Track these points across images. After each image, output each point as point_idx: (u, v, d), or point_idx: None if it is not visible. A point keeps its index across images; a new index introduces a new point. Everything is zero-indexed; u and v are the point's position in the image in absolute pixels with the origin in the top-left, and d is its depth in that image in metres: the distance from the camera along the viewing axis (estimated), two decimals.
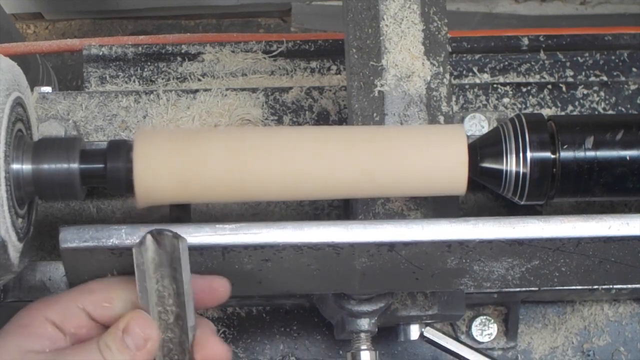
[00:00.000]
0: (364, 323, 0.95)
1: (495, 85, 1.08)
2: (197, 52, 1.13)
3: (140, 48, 1.13)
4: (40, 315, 0.81)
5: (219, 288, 0.84)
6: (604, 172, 0.85)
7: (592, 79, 1.12)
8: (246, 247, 0.81)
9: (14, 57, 0.87)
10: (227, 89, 1.04)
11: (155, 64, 1.13)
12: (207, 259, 0.82)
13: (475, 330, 1.08)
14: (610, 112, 1.07)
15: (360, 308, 0.93)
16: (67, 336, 0.81)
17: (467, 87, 1.07)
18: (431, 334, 1.00)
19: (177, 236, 0.79)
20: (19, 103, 0.84)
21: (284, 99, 1.04)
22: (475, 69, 1.12)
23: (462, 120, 0.97)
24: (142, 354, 0.79)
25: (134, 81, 1.12)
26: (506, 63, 1.13)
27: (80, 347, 0.80)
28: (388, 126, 0.90)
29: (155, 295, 0.79)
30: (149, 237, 0.79)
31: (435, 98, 0.91)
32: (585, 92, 1.08)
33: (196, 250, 0.81)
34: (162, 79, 1.12)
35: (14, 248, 0.81)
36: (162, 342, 0.80)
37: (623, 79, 1.12)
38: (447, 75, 0.92)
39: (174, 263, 0.79)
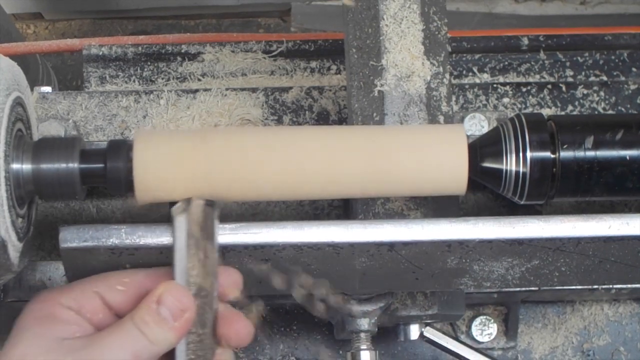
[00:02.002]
0: (364, 323, 0.95)
1: (495, 85, 1.08)
2: (197, 52, 1.13)
3: (140, 48, 1.13)
4: (57, 303, 0.80)
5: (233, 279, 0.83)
6: (604, 172, 0.85)
7: (592, 78, 1.12)
8: (246, 247, 0.81)
9: (14, 57, 0.87)
10: (227, 89, 1.04)
11: (155, 64, 1.13)
12: None
13: (475, 330, 1.08)
14: (610, 112, 1.07)
15: (360, 308, 0.93)
16: (88, 322, 0.80)
17: (467, 87, 1.07)
18: (431, 333, 1.00)
19: (210, 204, 0.78)
20: (19, 103, 0.84)
21: (284, 99, 1.04)
22: (475, 69, 1.12)
23: (462, 120, 0.97)
24: (179, 324, 0.77)
25: (134, 81, 1.12)
26: (506, 63, 1.13)
27: (116, 327, 0.78)
28: (388, 126, 0.90)
29: (184, 266, 0.78)
30: (181, 205, 0.78)
31: (435, 98, 0.91)
32: (585, 92, 1.08)
33: None
34: (162, 79, 1.12)
35: (14, 248, 0.81)
36: None
37: (623, 78, 1.12)
38: (447, 75, 0.92)
39: (206, 232, 0.78)
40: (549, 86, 1.08)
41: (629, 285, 1.03)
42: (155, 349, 0.77)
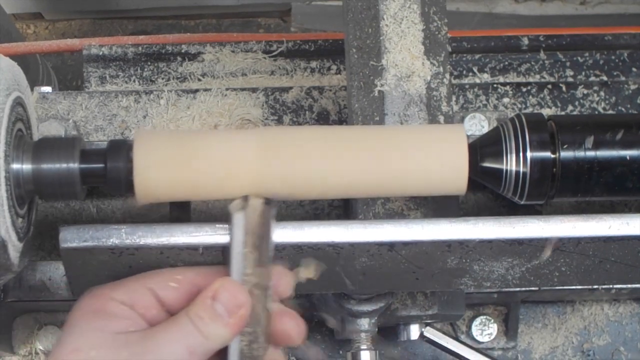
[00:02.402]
0: (364, 323, 0.95)
1: (495, 85, 1.08)
2: (197, 52, 1.13)
3: (140, 48, 1.13)
4: (109, 298, 0.79)
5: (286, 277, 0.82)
6: (604, 172, 0.85)
7: (592, 78, 1.12)
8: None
9: (14, 57, 0.87)
10: (227, 89, 1.04)
11: (155, 64, 1.13)
12: (207, 259, 0.82)
13: (475, 330, 1.08)
14: (610, 112, 1.07)
15: (360, 308, 0.93)
16: (141, 317, 0.79)
17: (467, 87, 1.07)
18: (431, 333, 1.00)
19: (268, 202, 0.78)
20: (19, 103, 0.84)
21: (284, 99, 1.04)
22: (475, 69, 1.12)
23: (462, 120, 0.97)
24: (234, 321, 0.77)
25: (134, 81, 1.12)
26: (506, 63, 1.13)
27: (171, 322, 0.78)
28: (388, 126, 0.90)
29: (240, 264, 0.78)
30: (239, 202, 0.77)
31: (435, 98, 0.91)
32: (585, 92, 1.08)
33: (196, 250, 0.81)
34: (162, 79, 1.12)
35: (14, 248, 0.81)
36: None
37: (623, 78, 1.12)
38: (447, 75, 0.92)
39: (262, 230, 0.78)
40: (549, 86, 1.08)
41: (629, 285, 1.03)
42: (210, 344, 0.77)
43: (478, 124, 0.97)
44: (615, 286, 1.03)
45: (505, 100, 1.07)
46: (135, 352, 0.76)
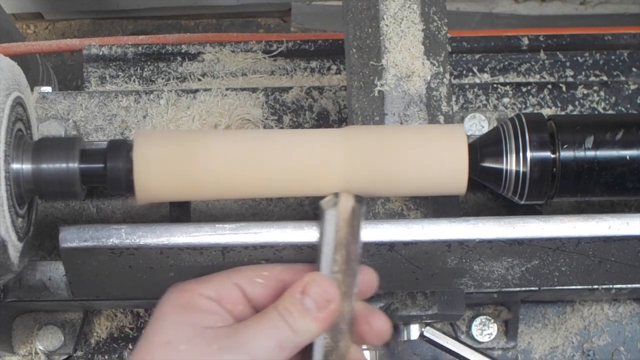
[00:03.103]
0: None
1: (495, 85, 1.08)
2: (197, 52, 1.13)
3: (140, 48, 1.13)
4: (196, 293, 0.79)
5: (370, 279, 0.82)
6: (604, 172, 0.85)
7: (592, 78, 1.12)
8: (246, 247, 0.81)
9: (14, 57, 0.87)
10: (227, 89, 1.04)
11: (155, 64, 1.13)
12: (207, 259, 0.82)
13: (475, 330, 1.07)
14: (610, 111, 1.07)
15: None
16: (228, 312, 0.79)
17: (467, 87, 1.07)
18: (431, 333, 1.00)
19: (359, 199, 0.79)
20: (19, 103, 0.84)
21: (284, 99, 1.04)
22: (475, 69, 1.12)
23: (462, 120, 0.97)
24: (324, 315, 0.77)
25: (134, 81, 1.12)
26: (506, 63, 1.13)
27: (260, 316, 0.78)
28: (388, 126, 0.90)
29: (329, 260, 0.78)
30: (331, 198, 0.78)
31: (435, 98, 0.91)
32: (585, 91, 1.08)
33: (196, 250, 0.81)
34: (162, 79, 1.12)
35: (14, 248, 0.81)
36: None
37: (623, 78, 1.12)
38: (447, 75, 0.92)
39: (352, 228, 0.78)
40: (549, 86, 1.08)
41: (629, 285, 1.03)
42: (299, 339, 0.77)
43: (478, 124, 0.97)
44: (615, 286, 1.02)
45: (505, 100, 1.07)
46: (225, 346, 0.76)
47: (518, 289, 0.98)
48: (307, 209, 1.01)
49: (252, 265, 0.82)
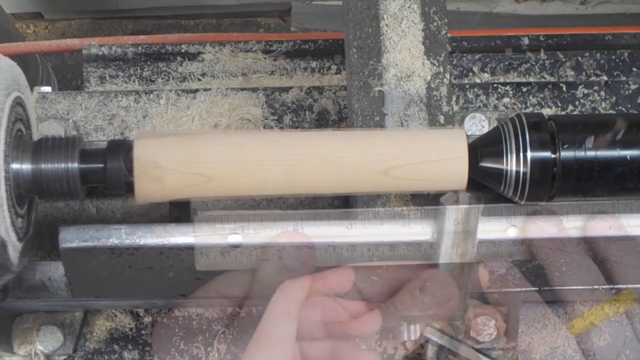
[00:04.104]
0: None
1: (495, 85, 1.08)
2: (197, 52, 1.13)
3: (140, 48, 1.13)
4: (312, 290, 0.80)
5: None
6: (604, 172, 0.85)
7: (593, 78, 1.12)
8: (246, 247, 0.81)
9: (14, 57, 0.87)
10: (227, 89, 1.04)
11: (155, 64, 1.13)
12: (207, 259, 0.82)
13: (475, 330, 1.07)
14: (611, 111, 1.07)
15: None
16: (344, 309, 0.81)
17: (467, 87, 1.07)
18: (431, 334, 1.00)
19: (477, 197, 0.80)
20: (18, 103, 0.84)
21: (284, 99, 1.04)
22: (475, 69, 1.12)
23: (462, 120, 0.97)
24: (444, 311, 0.78)
25: (134, 81, 1.12)
26: (506, 63, 1.13)
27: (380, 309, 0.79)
28: (389, 129, 0.89)
29: (448, 257, 0.79)
30: (451, 195, 0.79)
31: (435, 98, 0.91)
32: (586, 91, 1.08)
33: (196, 250, 0.81)
34: (162, 78, 1.12)
35: (14, 248, 0.81)
36: None
37: (623, 78, 1.12)
38: (448, 75, 0.92)
39: (470, 225, 0.79)
40: (550, 86, 1.08)
41: (629, 286, 1.02)
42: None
43: (478, 124, 0.97)
44: (615, 286, 1.02)
45: (506, 100, 1.07)
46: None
47: (518, 289, 0.98)
48: (307, 209, 1.01)
49: (365, 263, 0.82)
